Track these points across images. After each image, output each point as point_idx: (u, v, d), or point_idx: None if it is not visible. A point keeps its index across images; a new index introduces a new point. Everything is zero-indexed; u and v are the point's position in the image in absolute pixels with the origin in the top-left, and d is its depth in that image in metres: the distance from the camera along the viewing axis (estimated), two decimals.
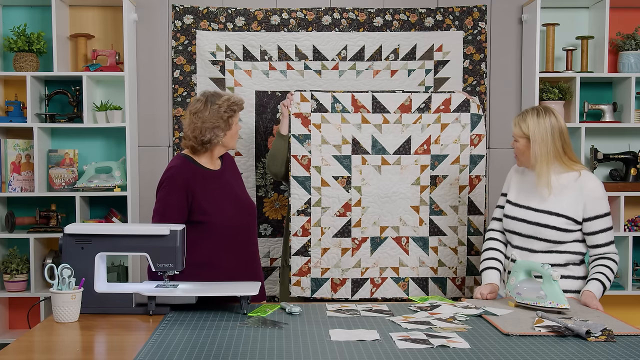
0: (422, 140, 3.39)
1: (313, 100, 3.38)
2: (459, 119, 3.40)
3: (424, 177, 3.41)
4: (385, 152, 3.39)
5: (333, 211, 3.38)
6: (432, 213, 3.42)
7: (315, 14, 4.02)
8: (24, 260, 3.86)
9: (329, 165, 3.37)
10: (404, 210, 3.41)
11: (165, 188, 2.69)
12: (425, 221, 3.42)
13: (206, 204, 2.70)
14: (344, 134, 3.38)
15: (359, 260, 3.41)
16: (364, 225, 3.39)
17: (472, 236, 3.47)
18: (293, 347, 1.95)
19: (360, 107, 3.38)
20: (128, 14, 3.87)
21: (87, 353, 1.96)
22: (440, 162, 3.41)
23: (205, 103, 2.75)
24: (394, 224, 3.41)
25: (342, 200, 3.38)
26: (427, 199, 3.41)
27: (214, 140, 2.73)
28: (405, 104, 3.39)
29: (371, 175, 3.38)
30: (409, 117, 3.39)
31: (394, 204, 3.40)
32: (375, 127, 3.38)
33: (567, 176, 2.65)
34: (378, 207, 3.40)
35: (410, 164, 3.39)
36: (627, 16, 4.11)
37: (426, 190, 3.41)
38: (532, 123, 2.63)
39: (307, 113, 3.36)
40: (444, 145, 3.41)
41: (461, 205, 3.43)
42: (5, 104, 3.96)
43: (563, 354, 1.91)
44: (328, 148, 3.38)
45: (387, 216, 3.40)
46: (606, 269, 2.58)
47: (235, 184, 2.89)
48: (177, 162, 2.76)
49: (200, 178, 2.73)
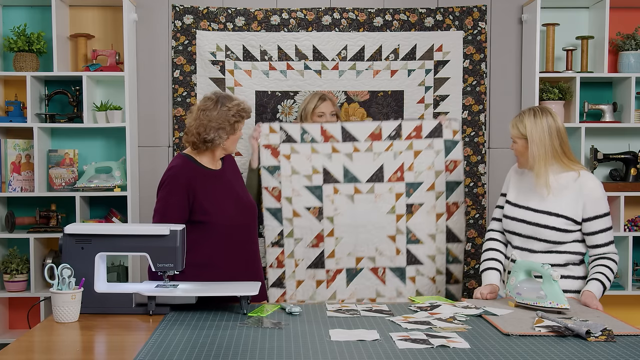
0: (395, 167, 3.31)
1: (282, 131, 3.32)
2: (431, 145, 3.32)
3: (399, 205, 3.32)
4: (357, 180, 3.32)
5: (306, 242, 3.31)
6: (409, 242, 3.33)
7: (315, 14, 4.02)
8: (24, 260, 3.86)
9: (300, 196, 3.31)
10: (379, 239, 3.32)
11: (166, 188, 2.69)
12: (402, 251, 3.33)
13: (207, 203, 2.70)
14: (314, 164, 3.31)
15: (334, 292, 3.34)
16: (338, 256, 3.32)
17: (450, 265, 3.38)
18: (293, 347, 1.95)
19: (329, 137, 3.31)
20: (128, 14, 3.87)
21: (87, 353, 1.96)
22: (415, 189, 3.32)
23: (216, 103, 2.74)
24: (370, 255, 3.33)
25: (314, 231, 3.31)
26: (404, 228, 3.32)
27: (217, 141, 2.72)
28: (376, 133, 3.32)
29: (344, 204, 3.31)
30: (380, 144, 3.31)
31: (369, 234, 3.32)
32: (346, 156, 3.31)
33: (566, 176, 2.65)
34: (353, 237, 3.32)
35: (384, 192, 3.31)
36: (627, 16, 4.11)
37: (402, 219, 3.32)
38: (529, 123, 2.62)
39: (276, 144, 3.31)
40: (418, 172, 3.32)
41: (439, 233, 3.34)
42: (5, 104, 3.96)
43: (563, 354, 1.91)
44: (298, 178, 3.31)
45: (362, 246, 3.32)
46: (606, 269, 2.58)
47: (236, 184, 2.88)
48: (178, 161, 2.76)
49: (201, 178, 2.72)
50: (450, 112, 4.01)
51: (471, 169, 4.06)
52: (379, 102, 4.02)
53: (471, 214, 4.06)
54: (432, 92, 4.04)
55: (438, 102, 4.05)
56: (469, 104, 4.06)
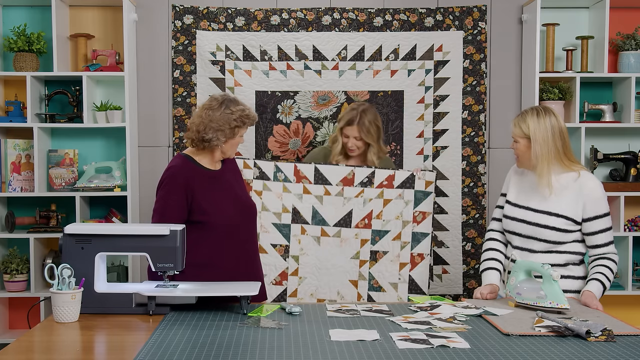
0: (364, 214, 3.32)
1: (256, 167, 3.34)
2: (402, 195, 3.32)
3: (364, 251, 3.33)
4: (325, 223, 3.33)
5: (269, 279, 3.33)
6: (371, 289, 3.33)
7: (315, 14, 4.02)
8: (24, 260, 3.86)
9: (267, 233, 3.33)
10: (341, 283, 3.33)
11: (165, 187, 2.69)
12: (363, 296, 3.33)
13: (206, 204, 2.70)
14: (285, 203, 3.33)
15: None
16: (300, 296, 3.34)
17: None
18: (293, 347, 1.95)
19: (302, 177, 3.33)
20: (128, 14, 3.87)
21: (87, 353, 1.96)
22: (382, 237, 3.33)
23: (221, 104, 2.74)
24: (331, 297, 3.34)
25: (279, 269, 3.33)
26: (366, 274, 3.33)
27: (214, 142, 2.72)
28: (348, 178, 3.32)
29: (310, 245, 3.33)
30: (351, 190, 3.32)
31: (332, 277, 3.33)
32: (317, 198, 3.33)
33: (566, 176, 2.64)
34: (315, 279, 3.33)
35: (350, 237, 3.32)
36: (627, 16, 4.11)
37: (365, 265, 3.33)
38: (533, 123, 2.62)
39: (250, 180, 3.33)
40: (385, 220, 3.32)
41: (401, 283, 3.33)
42: (5, 104, 3.96)
43: (563, 354, 1.91)
44: (268, 215, 3.33)
45: (324, 288, 3.33)
46: (606, 269, 2.58)
47: (236, 184, 2.88)
48: (178, 161, 2.76)
49: (200, 178, 2.73)
50: (447, 117, 4.02)
51: (471, 169, 4.06)
52: (379, 102, 4.02)
53: (471, 214, 4.06)
54: (432, 92, 4.04)
55: (438, 102, 4.05)
56: (469, 104, 4.06)
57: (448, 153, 4.07)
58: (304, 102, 4.03)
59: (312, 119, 4.05)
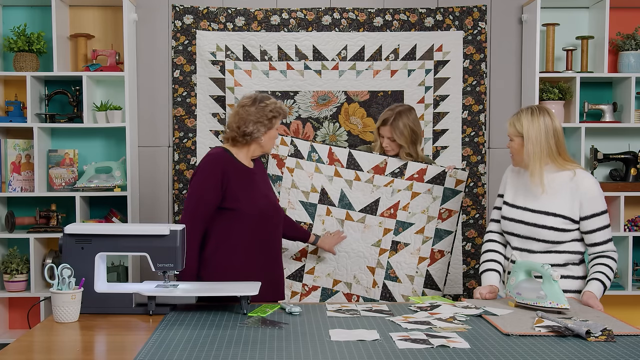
0: (391, 204, 3.32)
1: (292, 145, 3.37)
2: (431, 191, 3.31)
3: (386, 240, 3.32)
4: (351, 207, 3.34)
5: (290, 253, 3.35)
6: (387, 278, 3.33)
7: (315, 14, 4.02)
8: (24, 260, 3.86)
9: (294, 209, 3.35)
10: (359, 268, 3.33)
11: (205, 171, 2.76)
12: (378, 284, 3.33)
13: (240, 191, 2.77)
14: (314, 183, 3.35)
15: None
16: (317, 274, 3.36)
17: None
18: (293, 347, 1.95)
19: (335, 160, 3.35)
20: (128, 14, 3.87)
21: (87, 353, 1.96)
22: (405, 229, 3.32)
23: (254, 101, 2.85)
24: (347, 280, 3.34)
25: (299, 245, 3.35)
26: (385, 263, 3.33)
27: (255, 134, 2.80)
28: (380, 166, 3.33)
29: (333, 227, 3.34)
30: (381, 179, 3.33)
31: (350, 260, 3.34)
32: (346, 182, 3.34)
33: (561, 175, 2.64)
34: (334, 260, 3.34)
35: (374, 224, 3.33)
36: (627, 16, 4.11)
37: (385, 254, 3.32)
38: (526, 122, 2.63)
39: (284, 156, 3.36)
40: (411, 213, 3.31)
41: (418, 276, 3.32)
42: (5, 104, 3.96)
43: (563, 354, 1.91)
44: (296, 193, 3.36)
45: (341, 270, 3.34)
46: (606, 268, 2.58)
47: (266, 185, 2.97)
48: (217, 150, 2.85)
49: (236, 168, 2.81)
50: (447, 117, 4.02)
51: (471, 169, 4.07)
52: (379, 102, 4.02)
53: (471, 214, 4.06)
54: (432, 92, 4.04)
55: (438, 102, 4.05)
56: (469, 104, 4.06)
57: (448, 153, 4.07)
58: (304, 102, 4.03)
59: (312, 119, 4.06)
